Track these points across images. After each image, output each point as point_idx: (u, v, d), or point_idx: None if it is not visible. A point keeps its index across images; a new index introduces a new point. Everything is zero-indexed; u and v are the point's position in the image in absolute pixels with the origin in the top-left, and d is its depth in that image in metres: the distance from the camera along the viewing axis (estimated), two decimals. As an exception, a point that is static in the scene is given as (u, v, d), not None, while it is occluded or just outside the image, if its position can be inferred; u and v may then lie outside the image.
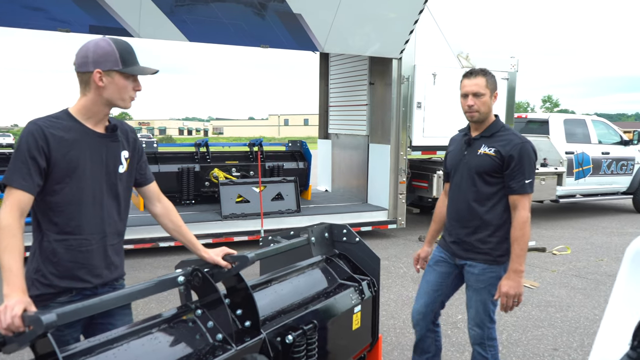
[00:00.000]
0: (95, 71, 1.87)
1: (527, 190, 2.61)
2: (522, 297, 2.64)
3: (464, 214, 2.78)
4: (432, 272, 2.96)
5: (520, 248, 2.60)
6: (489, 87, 2.67)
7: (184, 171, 7.68)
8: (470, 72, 2.73)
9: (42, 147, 1.82)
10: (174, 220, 2.26)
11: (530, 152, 2.64)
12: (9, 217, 1.72)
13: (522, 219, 2.61)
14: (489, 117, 2.73)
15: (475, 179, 2.71)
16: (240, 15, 6.45)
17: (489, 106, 2.69)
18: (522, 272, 2.61)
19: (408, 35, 7.51)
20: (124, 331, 1.91)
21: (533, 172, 2.64)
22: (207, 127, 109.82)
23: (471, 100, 2.67)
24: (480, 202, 2.71)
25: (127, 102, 1.96)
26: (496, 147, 2.66)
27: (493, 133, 2.72)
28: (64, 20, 5.86)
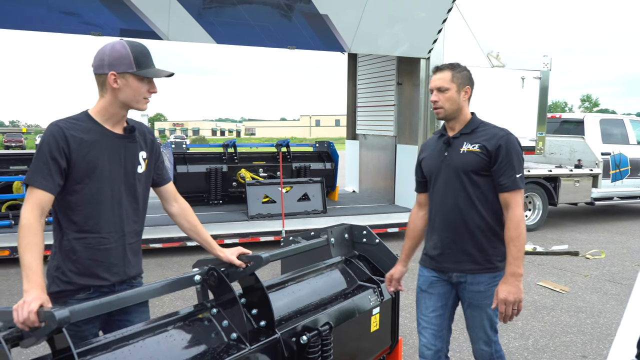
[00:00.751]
0: (110, 73, 1.92)
1: (519, 185, 2.38)
2: (522, 303, 2.38)
3: (454, 221, 2.48)
4: (429, 298, 2.64)
5: (517, 249, 2.33)
6: (454, 81, 2.44)
7: (212, 171, 7.79)
8: (437, 66, 2.54)
9: (62, 148, 1.87)
10: (190, 220, 2.29)
11: (517, 144, 2.43)
12: (30, 216, 1.77)
13: (517, 217, 2.36)
14: (461, 115, 2.50)
15: (463, 180, 2.45)
16: (267, 17, 6.50)
17: (456, 102, 2.45)
18: (520, 276, 2.35)
19: (436, 34, 7.43)
20: (139, 328, 1.95)
21: (521, 165, 2.42)
22: (239, 128, 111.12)
23: (435, 95, 2.48)
24: (471, 205, 2.45)
25: (141, 104, 1.99)
26: (480, 143, 2.42)
27: (473, 129, 2.49)
28: (96, 24, 6.03)
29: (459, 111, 2.48)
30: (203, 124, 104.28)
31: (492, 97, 8.31)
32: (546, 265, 6.60)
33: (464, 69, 2.49)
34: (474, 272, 2.47)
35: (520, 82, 8.52)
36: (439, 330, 2.62)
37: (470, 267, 2.48)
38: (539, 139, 8.88)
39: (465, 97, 2.47)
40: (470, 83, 2.49)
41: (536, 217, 9.00)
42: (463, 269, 2.49)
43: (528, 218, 9.00)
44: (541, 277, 6.05)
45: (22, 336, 1.59)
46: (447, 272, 2.55)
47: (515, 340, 4.12)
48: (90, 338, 1.96)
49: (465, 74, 2.48)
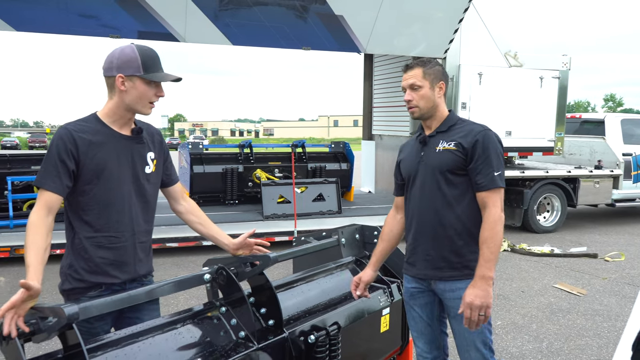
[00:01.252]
0: (118, 76, 1.97)
1: (497, 184, 2.22)
2: (490, 310, 2.17)
3: (431, 224, 2.35)
4: (414, 309, 2.55)
5: (490, 251, 2.17)
6: (427, 77, 2.32)
7: (228, 172, 7.86)
8: (406, 64, 2.41)
9: (70, 150, 1.92)
10: (198, 214, 2.34)
11: (495, 141, 2.28)
12: (35, 216, 1.83)
13: (493, 217, 2.19)
14: (437, 112, 2.38)
15: (439, 181, 2.32)
16: (282, 18, 6.54)
17: (430, 99, 2.33)
18: (490, 279, 2.17)
19: (452, 34, 7.38)
20: (149, 325, 1.98)
21: (501, 163, 2.27)
22: (258, 129, 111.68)
23: (408, 94, 2.36)
24: (449, 207, 2.31)
25: (146, 108, 2.03)
26: (456, 140, 2.29)
27: (449, 127, 2.36)
28: (114, 27, 6.14)
29: (435, 109, 2.36)
30: (222, 125, 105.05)
31: (509, 97, 8.23)
32: (564, 268, 6.52)
33: (435, 64, 2.38)
34: (452, 279, 2.33)
35: (539, 82, 8.42)
36: (432, 339, 2.55)
37: (448, 274, 2.33)
38: (557, 140, 8.77)
39: (440, 93, 2.36)
40: (444, 78, 2.38)
41: (555, 219, 8.88)
42: (442, 276, 2.35)
43: (546, 220, 8.89)
44: (558, 279, 5.97)
45: (34, 332, 1.64)
46: (427, 280, 2.43)
47: (528, 343, 4.08)
48: (102, 335, 2.01)
49: (438, 69, 2.37)
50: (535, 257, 7.07)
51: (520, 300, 5.18)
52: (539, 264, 6.72)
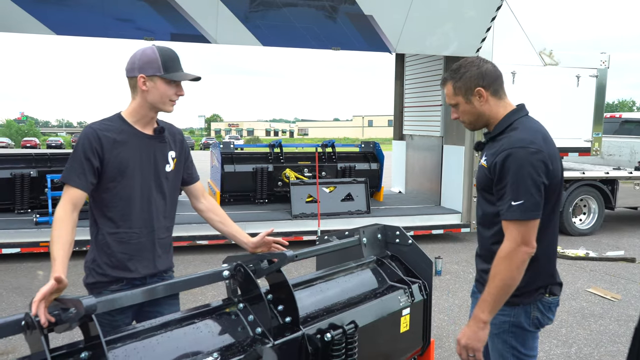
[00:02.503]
0: (140, 76, 2.04)
1: (513, 215, 1.91)
2: (479, 354, 2.02)
3: (478, 238, 2.29)
4: (471, 307, 2.46)
5: (489, 291, 1.95)
6: (458, 93, 2.09)
7: (258, 171, 7.96)
8: (442, 79, 2.23)
9: (95, 148, 2.01)
10: (219, 213, 2.39)
11: (523, 162, 1.90)
12: (61, 211, 1.92)
13: (502, 252, 1.94)
14: (490, 118, 2.12)
15: (479, 198, 2.18)
16: (311, 19, 6.59)
17: (471, 112, 2.11)
18: (482, 322, 1.97)
19: (485, 33, 7.26)
20: (168, 319, 2.05)
21: (526, 190, 1.89)
22: (292, 129, 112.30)
23: (452, 112, 2.20)
24: (485, 225, 2.16)
25: (168, 106, 2.10)
26: (487, 156, 2.07)
27: (495, 135, 2.10)
28: (148, 30, 6.31)
29: (483, 117, 2.12)
30: (257, 125, 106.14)
31: (544, 96, 8.03)
32: (598, 272, 6.33)
33: (466, 70, 2.08)
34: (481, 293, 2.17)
35: (575, 81, 8.18)
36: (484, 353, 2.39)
37: (481, 289, 2.19)
38: (595, 140, 8.50)
39: (481, 100, 2.08)
40: (480, 82, 2.06)
41: (591, 222, 8.62)
42: (479, 288, 2.28)
43: (582, 222, 8.63)
44: (592, 283, 5.80)
45: (57, 322, 1.72)
46: (476, 286, 2.40)
47: (557, 348, 3.99)
48: (123, 327, 2.09)
49: (469, 75, 2.07)
50: (569, 260, 6.89)
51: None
52: (573, 267, 6.55)
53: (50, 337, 1.71)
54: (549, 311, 2.15)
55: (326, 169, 8.43)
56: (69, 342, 1.81)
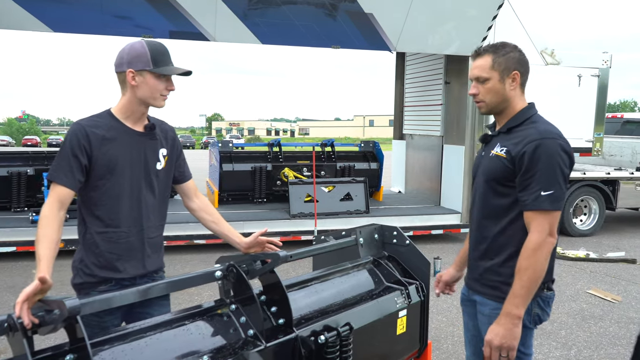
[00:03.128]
0: (128, 71, 2.00)
1: (542, 205, 1.88)
2: (514, 352, 1.94)
3: (474, 234, 2.20)
4: (464, 315, 2.42)
5: (521, 284, 1.90)
6: (496, 68, 2.01)
7: (256, 170, 7.91)
8: (476, 50, 2.10)
9: (84, 145, 1.96)
10: (211, 212, 2.34)
11: (554, 153, 1.89)
12: (47, 209, 1.87)
13: (531, 244, 1.89)
14: (509, 107, 2.07)
15: (487, 189, 2.08)
16: (311, 17, 6.54)
17: (499, 93, 2.03)
18: (517, 318, 1.91)
19: (486, 31, 7.21)
20: (157, 321, 2.00)
21: (557, 181, 1.89)
22: (293, 128, 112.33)
23: (473, 87, 2.08)
24: (491, 220, 2.08)
25: (158, 101, 2.05)
26: (508, 146, 2.00)
27: (512, 127, 2.04)
28: (147, 27, 6.27)
29: (505, 103, 2.05)
30: (258, 124, 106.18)
31: (545, 96, 7.96)
32: (599, 273, 6.27)
33: (510, 50, 2.05)
34: (484, 295, 2.17)
35: (577, 81, 8.13)
36: (478, 352, 2.35)
37: (480, 289, 2.19)
38: (596, 140, 8.45)
39: (513, 85, 2.03)
40: (520, 67, 2.04)
41: (592, 222, 8.57)
42: (477, 289, 2.21)
43: (583, 223, 8.58)
44: (592, 285, 5.75)
45: (40, 324, 1.67)
46: (469, 289, 2.31)
47: (556, 350, 3.94)
48: (111, 329, 2.04)
49: (512, 56, 2.03)
50: (569, 261, 6.84)
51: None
52: (573, 268, 6.50)
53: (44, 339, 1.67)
54: (547, 306, 2.11)
55: (325, 169, 8.38)
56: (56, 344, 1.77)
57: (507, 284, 2.00)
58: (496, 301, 2.06)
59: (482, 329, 2.18)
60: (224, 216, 2.45)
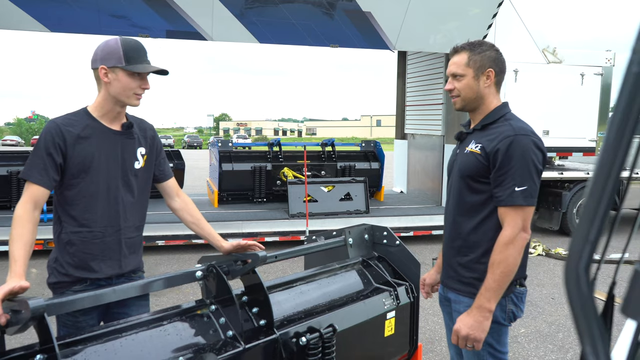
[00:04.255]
0: (101, 67, 1.97)
1: (516, 201, 1.90)
2: (479, 344, 1.95)
3: (449, 231, 2.23)
4: (443, 315, 2.43)
5: (494, 279, 1.90)
6: (471, 65, 2.04)
7: (256, 170, 7.88)
8: (454, 48, 2.14)
9: (58, 144, 1.93)
10: (193, 213, 2.30)
11: (527, 149, 1.93)
12: (21, 209, 1.84)
13: (505, 239, 1.91)
14: (483, 105, 2.09)
15: (461, 186, 2.10)
16: (309, 16, 6.50)
17: (473, 89, 2.05)
18: (487, 311, 1.92)
19: (486, 30, 7.14)
20: (133, 321, 1.97)
21: (530, 177, 1.92)
22: (300, 128, 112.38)
23: (449, 83, 2.11)
24: (465, 216, 2.10)
25: (132, 99, 2.02)
26: (482, 143, 2.02)
27: (487, 124, 2.07)
28: (144, 27, 6.26)
29: (480, 100, 2.08)
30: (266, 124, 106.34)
31: (547, 95, 7.90)
32: (601, 275, 6.18)
33: (487, 49, 2.08)
34: (458, 292, 2.18)
35: (580, 79, 8.04)
36: (459, 350, 2.37)
37: (456, 286, 2.19)
38: (600, 140, 8.34)
39: (487, 82, 2.06)
40: (495, 65, 2.07)
41: (596, 223, 8.46)
42: (451, 286, 2.22)
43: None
44: (593, 286, 5.67)
45: (7, 324, 1.65)
46: (445, 287, 2.32)
47: (552, 353, 3.87)
48: (87, 329, 2.01)
49: (488, 54, 2.06)
50: (571, 262, 6.75)
51: (548, 308, 4.94)
52: (574, 269, 6.41)
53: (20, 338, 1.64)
54: (521, 302, 2.12)
55: (326, 168, 8.34)
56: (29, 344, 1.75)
57: (481, 280, 2.00)
58: (471, 298, 2.06)
59: None
60: (224, 216, 2.42)
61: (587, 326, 0.49)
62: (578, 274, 0.49)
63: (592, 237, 0.48)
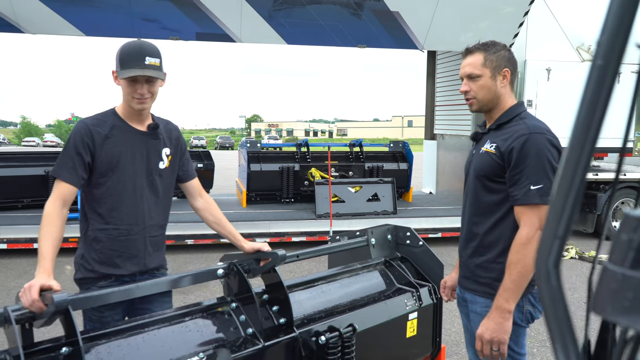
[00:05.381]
0: (113, 71, 2.03)
1: (532, 199, 1.88)
2: (505, 346, 1.93)
3: (465, 232, 2.20)
4: (461, 316, 2.39)
5: (511, 279, 1.89)
6: (488, 65, 2.04)
7: (284, 170, 7.93)
8: (467, 48, 2.15)
9: (87, 143, 2.00)
10: (215, 213, 2.34)
11: (542, 147, 1.90)
12: (51, 206, 1.91)
13: (521, 239, 1.89)
14: (499, 104, 2.08)
15: (477, 186, 2.08)
16: (336, 16, 6.51)
17: (491, 90, 2.04)
18: (507, 312, 1.91)
19: (517, 28, 7.01)
20: (156, 317, 2.02)
21: (546, 175, 1.89)
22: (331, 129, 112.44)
23: (464, 84, 2.09)
24: (481, 216, 2.09)
25: (133, 103, 2.06)
26: (497, 142, 2.00)
27: (502, 124, 2.05)
28: (174, 29, 6.39)
29: (496, 100, 2.06)
30: (297, 125, 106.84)
31: (582, 94, 7.67)
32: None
33: (501, 49, 2.10)
34: (474, 292, 2.17)
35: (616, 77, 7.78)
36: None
37: (472, 287, 2.18)
38: (637, 140, 8.08)
39: (504, 82, 2.05)
40: (510, 64, 2.07)
41: (633, 226, 8.18)
42: (467, 286, 2.21)
43: (623, 226, 8.21)
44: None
45: (34, 317, 1.72)
46: (461, 288, 2.30)
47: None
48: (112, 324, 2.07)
49: (503, 54, 2.07)
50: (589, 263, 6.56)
51: (580, 312, 4.81)
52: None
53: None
54: (538, 302, 2.09)
55: (353, 169, 8.33)
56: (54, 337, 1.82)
57: (498, 280, 1.98)
58: (487, 298, 2.05)
59: (474, 327, 2.16)
60: (251, 216, 2.46)
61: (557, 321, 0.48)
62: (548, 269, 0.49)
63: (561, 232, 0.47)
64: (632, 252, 0.43)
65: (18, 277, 5.82)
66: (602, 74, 0.45)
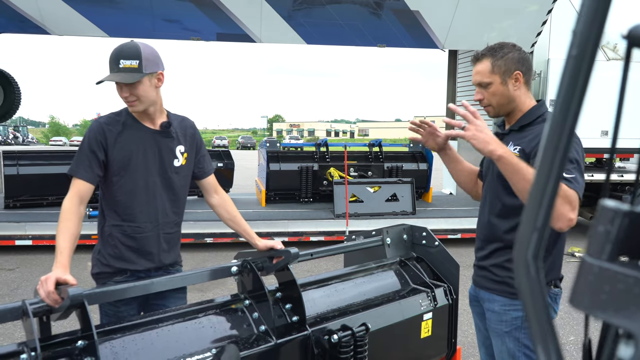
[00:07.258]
0: None
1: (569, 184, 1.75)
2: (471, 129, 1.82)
3: (482, 232, 2.19)
4: (473, 316, 2.40)
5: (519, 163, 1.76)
6: (496, 71, 1.99)
7: (303, 170, 7.95)
8: (474, 56, 2.09)
9: (100, 142, 2.05)
10: (230, 210, 2.36)
11: None
12: (68, 203, 1.96)
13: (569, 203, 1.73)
14: (517, 107, 2.04)
15: (498, 187, 2.05)
16: (356, 16, 6.51)
17: (504, 95, 2.00)
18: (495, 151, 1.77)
19: (540, 26, 6.90)
20: (170, 312, 2.05)
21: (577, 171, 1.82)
22: (353, 129, 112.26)
23: (477, 93, 2.06)
24: (502, 218, 2.06)
25: (129, 105, 2.11)
26: (521, 145, 1.97)
27: (524, 125, 2.02)
28: (195, 30, 6.47)
29: (512, 104, 2.03)
30: (318, 125, 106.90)
31: (608, 93, 7.51)
32: None
33: (509, 51, 2.02)
34: (491, 291, 2.16)
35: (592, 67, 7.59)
36: (492, 353, 2.35)
37: (489, 285, 2.16)
38: (664, 141, 7.87)
39: (516, 85, 2.00)
40: (521, 65, 2.01)
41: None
42: (483, 284, 2.20)
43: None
44: None
45: (51, 310, 1.76)
46: (477, 287, 2.29)
47: None
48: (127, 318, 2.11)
49: (511, 56, 2.00)
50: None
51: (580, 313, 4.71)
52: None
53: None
54: (555, 303, 2.08)
55: (372, 169, 8.31)
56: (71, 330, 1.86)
57: None
58: (505, 297, 2.04)
59: (490, 327, 2.16)
60: (270, 215, 2.47)
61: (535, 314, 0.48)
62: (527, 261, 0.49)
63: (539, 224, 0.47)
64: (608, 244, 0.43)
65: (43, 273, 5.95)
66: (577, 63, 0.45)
